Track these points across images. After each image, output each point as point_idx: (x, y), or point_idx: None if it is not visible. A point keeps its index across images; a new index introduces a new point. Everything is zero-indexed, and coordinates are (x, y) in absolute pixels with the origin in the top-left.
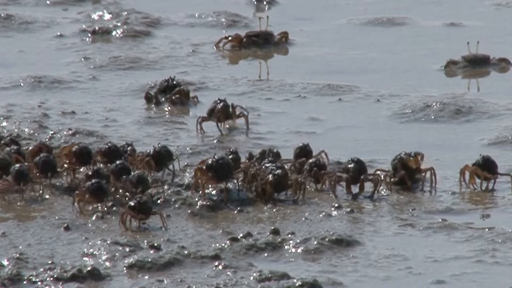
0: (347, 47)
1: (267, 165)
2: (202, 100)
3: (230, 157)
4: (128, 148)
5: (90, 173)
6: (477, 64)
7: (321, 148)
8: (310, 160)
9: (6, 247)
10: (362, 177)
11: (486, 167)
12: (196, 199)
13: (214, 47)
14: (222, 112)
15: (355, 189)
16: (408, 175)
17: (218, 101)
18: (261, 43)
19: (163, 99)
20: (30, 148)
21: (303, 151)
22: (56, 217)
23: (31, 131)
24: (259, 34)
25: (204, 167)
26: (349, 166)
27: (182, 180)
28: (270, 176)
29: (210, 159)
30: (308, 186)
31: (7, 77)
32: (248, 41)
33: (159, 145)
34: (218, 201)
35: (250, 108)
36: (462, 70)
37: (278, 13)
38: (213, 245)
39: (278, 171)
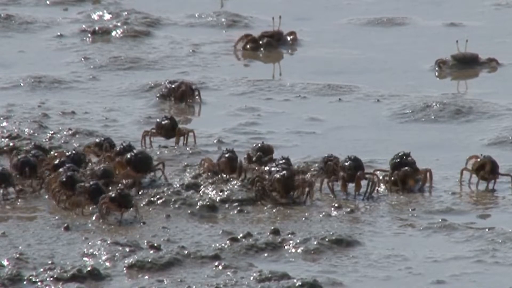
0: (347, 47)
1: (273, 168)
2: (202, 100)
3: (226, 155)
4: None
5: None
6: (466, 63)
7: (322, 149)
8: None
9: (6, 247)
10: (358, 174)
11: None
12: (196, 199)
13: (234, 47)
14: (165, 131)
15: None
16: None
17: (164, 118)
18: (276, 43)
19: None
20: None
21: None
22: (56, 217)
23: (31, 131)
24: (273, 34)
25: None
26: (345, 164)
27: (182, 180)
28: (278, 175)
29: (129, 154)
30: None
31: (7, 77)
32: (263, 41)
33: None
34: (218, 201)
35: (250, 108)
36: (451, 69)
37: (278, 12)
38: (213, 245)
39: (284, 172)
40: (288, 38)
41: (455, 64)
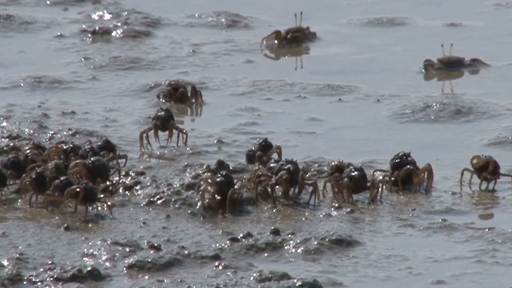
0: (347, 47)
1: (273, 165)
2: (203, 100)
3: (217, 182)
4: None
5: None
6: (451, 66)
7: (322, 149)
8: (333, 163)
9: (6, 247)
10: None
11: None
12: (196, 199)
13: (264, 41)
14: (161, 122)
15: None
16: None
17: (160, 109)
18: (302, 39)
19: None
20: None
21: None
22: (56, 217)
23: (31, 131)
24: (298, 30)
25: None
26: (352, 174)
27: (182, 180)
28: (283, 172)
29: (87, 161)
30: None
31: (7, 77)
32: (290, 37)
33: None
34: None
35: (250, 108)
36: (439, 71)
37: (278, 12)
38: (213, 245)
39: (288, 165)
40: (308, 34)
41: (441, 67)
